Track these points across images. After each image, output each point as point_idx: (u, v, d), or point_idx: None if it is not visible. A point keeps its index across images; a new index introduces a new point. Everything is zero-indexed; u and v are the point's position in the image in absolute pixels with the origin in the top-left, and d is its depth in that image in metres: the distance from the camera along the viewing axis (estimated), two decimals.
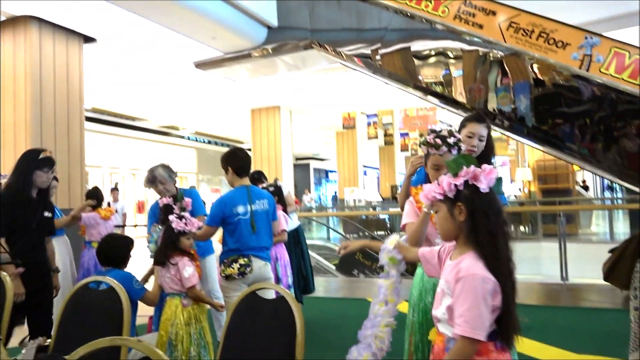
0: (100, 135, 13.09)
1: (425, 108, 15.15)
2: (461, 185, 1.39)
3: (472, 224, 1.38)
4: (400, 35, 6.19)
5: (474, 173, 1.38)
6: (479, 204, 1.38)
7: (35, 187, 2.77)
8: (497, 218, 1.37)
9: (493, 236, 1.35)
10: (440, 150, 1.91)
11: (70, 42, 6.33)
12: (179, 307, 2.55)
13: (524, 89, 5.52)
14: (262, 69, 8.03)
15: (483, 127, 2.29)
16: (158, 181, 3.31)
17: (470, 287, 1.30)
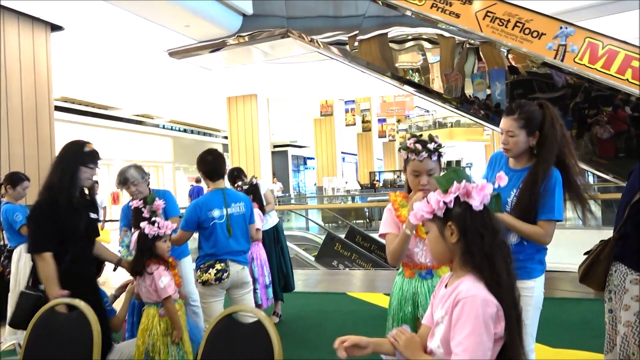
0: (72, 125, 12.71)
1: (402, 94, 15.19)
2: (451, 203, 1.25)
3: (465, 246, 1.24)
4: (378, 22, 6.15)
5: (465, 189, 1.24)
6: (472, 223, 1.23)
7: (79, 185, 2.44)
8: (494, 238, 1.22)
9: (490, 259, 1.20)
10: (420, 156, 1.86)
11: (36, 30, 6.07)
12: (155, 317, 2.48)
13: (499, 76, 5.56)
14: (237, 57, 7.89)
15: (511, 121, 1.99)
16: (130, 183, 3.20)
17: (471, 310, 1.16)
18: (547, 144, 1.99)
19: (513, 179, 2.03)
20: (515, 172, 2.06)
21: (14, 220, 3.87)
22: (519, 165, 2.07)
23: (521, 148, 2.02)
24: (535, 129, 1.99)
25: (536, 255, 2.04)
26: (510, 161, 2.11)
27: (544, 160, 1.98)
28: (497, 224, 1.25)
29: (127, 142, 15.75)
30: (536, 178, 1.95)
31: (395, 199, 1.97)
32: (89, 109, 13.41)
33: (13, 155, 5.68)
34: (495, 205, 1.26)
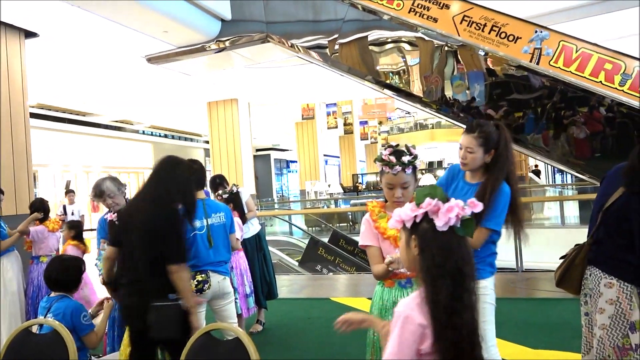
0: (49, 132, 12.50)
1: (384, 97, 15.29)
2: (419, 217, 1.28)
3: (420, 261, 1.26)
4: (357, 25, 6.18)
5: (435, 207, 1.26)
6: (431, 241, 1.25)
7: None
8: (445, 261, 1.22)
9: (434, 278, 1.21)
10: (394, 170, 1.89)
11: (9, 37, 5.95)
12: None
13: (478, 78, 5.63)
14: (217, 63, 7.84)
15: (471, 138, 2.18)
16: (106, 195, 3.15)
17: (394, 325, 1.23)
18: (499, 162, 2.19)
19: (469, 192, 2.21)
20: (470, 185, 2.26)
21: None
22: (474, 179, 2.27)
23: (477, 164, 2.22)
24: (492, 148, 2.19)
25: (487, 258, 2.24)
26: (467, 175, 2.30)
27: (495, 176, 2.17)
28: (458, 249, 1.25)
29: (106, 148, 15.53)
30: (486, 191, 2.13)
31: (373, 210, 1.97)
32: (67, 115, 13.19)
33: None
34: (464, 230, 1.26)
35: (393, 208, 1.92)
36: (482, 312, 1.67)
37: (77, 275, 2.61)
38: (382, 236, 1.91)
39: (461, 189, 2.27)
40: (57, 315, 2.45)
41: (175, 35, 6.54)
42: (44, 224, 4.15)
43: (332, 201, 14.99)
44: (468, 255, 1.26)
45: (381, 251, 1.94)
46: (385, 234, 1.90)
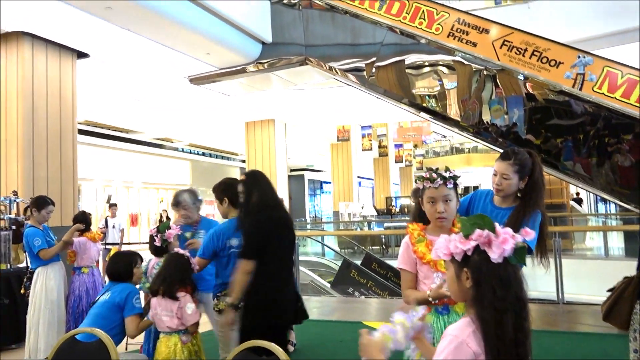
0: (93, 148, 13.01)
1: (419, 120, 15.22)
2: (470, 251, 1.23)
3: (477, 295, 1.21)
4: (395, 49, 6.22)
5: (487, 238, 1.21)
6: (487, 275, 1.20)
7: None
8: (506, 294, 1.19)
9: (498, 313, 1.17)
10: (435, 183, 1.89)
11: (63, 57, 6.29)
12: (178, 345, 2.51)
13: (517, 103, 5.55)
14: (256, 84, 8.03)
15: (507, 165, 2.20)
16: (181, 206, 3.31)
17: (446, 347, 1.19)
18: (536, 189, 2.22)
19: (498, 216, 2.21)
20: (499, 210, 2.27)
21: (33, 245, 3.94)
22: (505, 204, 2.28)
23: (512, 190, 2.23)
24: (526, 175, 2.22)
25: None
26: (496, 199, 2.32)
27: (533, 203, 2.19)
28: (515, 279, 1.22)
29: (146, 165, 16.02)
30: (520, 218, 2.13)
31: (412, 233, 1.96)
32: (111, 132, 13.72)
33: (37, 178, 5.82)
34: (517, 259, 1.22)
35: (435, 228, 1.93)
36: None
37: (130, 267, 2.80)
38: (421, 260, 1.89)
39: (491, 212, 2.25)
40: (114, 292, 2.65)
41: (217, 57, 6.76)
42: (85, 235, 4.30)
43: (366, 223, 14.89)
44: (523, 282, 1.24)
45: (416, 277, 1.93)
46: (424, 259, 1.88)
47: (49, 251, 3.97)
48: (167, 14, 5.30)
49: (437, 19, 5.86)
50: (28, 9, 5.14)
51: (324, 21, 6.68)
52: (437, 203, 1.90)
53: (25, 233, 4.00)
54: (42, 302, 3.90)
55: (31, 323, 3.94)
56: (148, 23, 5.46)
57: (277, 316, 2.59)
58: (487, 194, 2.36)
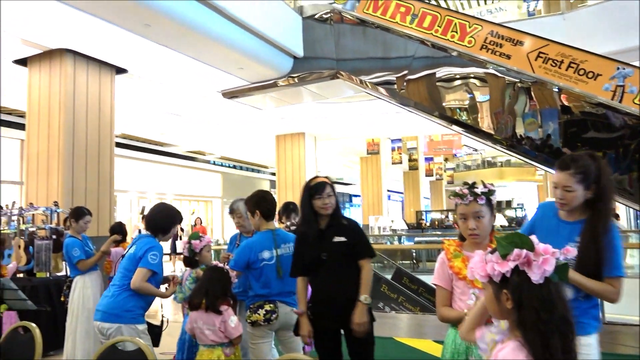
0: (129, 160, 13.37)
1: (450, 133, 15.05)
2: (509, 272, 1.18)
3: (520, 317, 1.16)
4: (427, 62, 6.20)
5: (526, 258, 1.16)
6: (529, 296, 1.15)
7: (319, 216, 2.66)
8: (551, 315, 1.13)
9: (544, 335, 1.12)
10: (465, 200, 1.86)
11: (102, 73, 6.52)
12: (221, 357, 2.55)
13: (551, 115, 5.43)
14: (287, 98, 8.13)
15: (567, 176, 1.92)
16: (235, 214, 3.45)
17: None
18: (605, 197, 1.93)
19: (565, 231, 1.97)
20: (567, 224, 1.99)
21: (72, 255, 4.06)
22: (572, 217, 1.99)
23: (578, 202, 1.94)
24: (592, 182, 1.92)
25: (591, 310, 1.95)
26: (561, 213, 2.04)
27: (604, 214, 1.92)
28: (559, 299, 1.16)
29: (179, 177, 16.34)
30: (597, 232, 1.89)
31: (448, 248, 1.93)
32: (146, 145, 14.08)
33: (76, 189, 6.02)
34: (559, 276, 1.17)
35: (470, 245, 1.89)
36: None
37: (168, 224, 2.92)
38: (457, 276, 1.86)
39: (557, 228, 2.01)
40: (138, 246, 2.75)
41: (249, 71, 6.88)
42: (121, 245, 4.40)
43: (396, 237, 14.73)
44: (567, 301, 1.18)
45: (451, 294, 1.89)
46: (460, 274, 1.85)
47: (87, 262, 4.09)
48: (202, 30, 5.44)
49: (469, 31, 5.82)
50: (72, 27, 5.36)
51: (355, 35, 6.73)
52: (468, 220, 1.87)
53: (65, 243, 4.13)
54: (79, 311, 4.00)
55: (69, 330, 4.05)
56: (184, 39, 5.61)
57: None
58: (551, 207, 2.09)
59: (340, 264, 2.57)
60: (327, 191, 2.63)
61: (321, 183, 2.65)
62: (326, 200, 2.60)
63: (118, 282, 2.73)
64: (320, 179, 2.70)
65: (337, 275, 2.55)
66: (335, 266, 2.56)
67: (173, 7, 4.95)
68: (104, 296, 2.77)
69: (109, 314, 2.65)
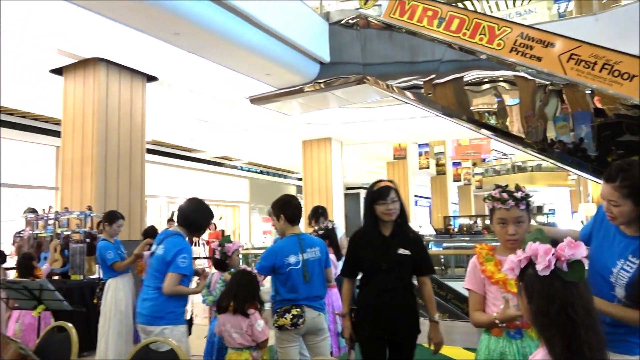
0: (159, 166, 13.64)
1: (479, 138, 14.82)
2: (523, 263, 1.20)
3: (531, 312, 1.17)
4: (455, 66, 6.13)
5: (533, 250, 1.18)
6: (533, 288, 1.17)
7: (382, 222, 2.57)
8: (549, 307, 1.13)
9: (541, 328, 1.13)
10: (507, 205, 1.81)
11: (134, 81, 6.69)
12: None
13: (584, 118, 5.29)
14: (314, 103, 8.16)
15: (611, 189, 1.73)
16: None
17: None
18: None
19: (621, 245, 1.79)
20: (624, 238, 1.80)
21: (106, 257, 4.17)
22: (630, 231, 1.79)
23: (629, 217, 1.74)
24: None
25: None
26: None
27: None
28: (565, 295, 1.13)
29: (207, 182, 16.56)
30: None
31: (481, 252, 1.90)
32: (175, 151, 14.34)
33: (109, 194, 6.17)
34: (572, 275, 1.14)
35: (504, 249, 1.85)
36: None
37: (202, 221, 2.95)
38: (490, 280, 1.83)
39: (613, 239, 1.84)
40: (166, 247, 2.77)
41: (276, 77, 6.94)
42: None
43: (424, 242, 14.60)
44: (581, 303, 1.13)
45: (484, 299, 1.85)
46: (492, 278, 1.81)
47: (122, 264, 4.20)
48: (230, 37, 5.52)
49: (498, 34, 5.74)
50: (104, 37, 5.53)
51: (382, 40, 6.71)
52: (508, 225, 1.82)
53: (98, 246, 4.25)
54: (112, 313, 4.10)
55: (102, 332, 4.15)
56: (213, 47, 5.71)
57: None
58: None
59: (397, 276, 2.51)
60: (392, 196, 2.51)
61: (385, 187, 2.54)
62: (390, 206, 2.50)
63: (151, 284, 2.79)
64: (385, 183, 2.58)
65: (391, 285, 2.50)
66: (392, 277, 2.50)
67: (202, 15, 5.04)
68: (144, 299, 2.82)
69: (152, 317, 2.73)
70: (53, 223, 5.59)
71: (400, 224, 2.56)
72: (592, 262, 1.83)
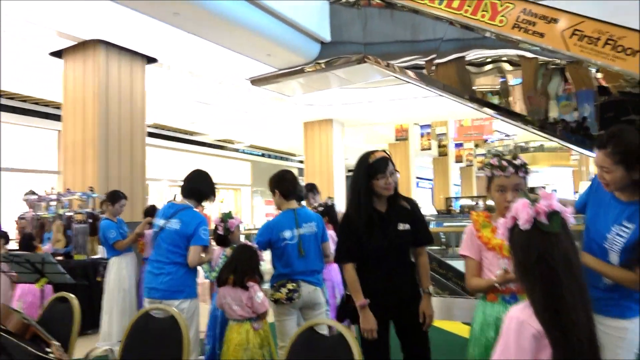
0: (160, 149, 13.64)
1: (481, 118, 14.76)
2: (509, 224, 1.25)
3: (516, 265, 1.23)
4: (456, 45, 6.06)
5: (517, 209, 1.23)
6: (515, 242, 1.23)
7: (376, 196, 2.32)
8: (528, 256, 1.18)
9: (522, 276, 1.19)
10: (507, 172, 1.83)
11: (134, 63, 6.65)
12: (250, 332, 2.63)
13: (587, 97, 5.25)
14: (314, 84, 8.10)
15: (603, 155, 1.75)
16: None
17: (506, 330, 1.18)
18: None
19: (616, 211, 1.80)
20: (618, 204, 1.82)
21: (109, 237, 4.21)
22: (624, 197, 1.81)
23: (622, 183, 1.76)
24: (636, 162, 1.70)
25: (635, 293, 1.79)
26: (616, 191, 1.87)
27: None
28: (542, 244, 1.18)
29: (209, 165, 16.56)
30: None
31: (477, 219, 1.92)
32: (177, 134, 14.33)
33: (110, 177, 6.19)
34: (550, 226, 1.19)
35: (501, 216, 1.86)
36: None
37: (207, 189, 3.02)
38: (486, 246, 1.85)
39: (608, 205, 1.86)
40: (184, 222, 2.79)
41: (277, 58, 6.89)
42: None
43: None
44: (560, 251, 1.17)
45: (480, 265, 1.88)
46: (489, 244, 1.84)
47: (123, 242, 4.24)
48: (231, 17, 5.47)
49: (500, 10, 5.66)
50: (104, 18, 5.48)
51: (383, 18, 6.64)
52: (507, 192, 1.84)
53: (101, 225, 4.28)
54: (115, 290, 4.16)
55: (105, 309, 4.21)
56: (213, 27, 5.66)
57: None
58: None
59: (398, 253, 2.32)
60: (391, 168, 2.27)
61: (383, 159, 2.28)
62: (390, 179, 2.25)
63: (166, 259, 2.81)
64: (380, 154, 2.32)
65: (394, 265, 2.29)
66: (393, 256, 2.29)
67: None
68: (157, 274, 2.84)
69: (171, 291, 2.77)
70: (55, 204, 5.63)
71: (393, 196, 2.34)
72: (587, 231, 1.86)
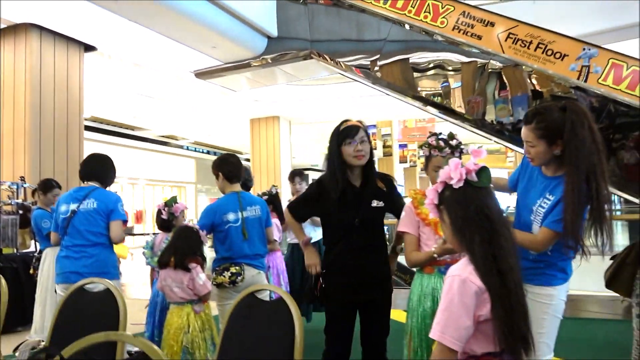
0: (100, 144, 13.08)
1: (424, 119, 15.21)
2: (440, 188, 1.32)
3: (453, 220, 1.28)
4: (400, 46, 6.23)
5: (446, 173, 1.30)
6: (451, 201, 1.29)
7: (349, 169, 2.25)
8: (466, 209, 1.25)
9: (461, 230, 1.24)
10: (444, 152, 1.92)
11: (70, 50, 6.35)
12: (191, 315, 2.57)
13: (522, 101, 5.55)
14: (261, 79, 8.06)
15: (528, 130, 1.85)
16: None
17: (449, 288, 1.22)
18: (572, 155, 1.77)
19: (542, 186, 1.92)
20: (544, 179, 1.93)
21: (42, 227, 4.00)
22: (549, 172, 1.93)
23: (545, 158, 1.87)
24: (557, 137, 1.80)
25: (559, 262, 1.93)
26: (543, 167, 1.97)
27: (570, 171, 1.77)
28: (477, 197, 1.26)
29: (152, 162, 16.09)
30: (577, 193, 1.75)
31: (415, 197, 2.00)
32: (117, 129, 13.80)
33: (44, 169, 5.88)
34: (481, 181, 1.28)
35: None
36: (539, 323, 1.61)
37: (108, 170, 3.06)
38: (424, 222, 1.93)
39: (536, 182, 1.96)
40: (100, 199, 2.82)
41: (223, 50, 6.80)
42: None
43: None
44: (493, 203, 1.27)
45: (418, 240, 1.96)
46: (426, 220, 1.92)
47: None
48: (174, 6, 5.34)
49: (442, 12, 5.88)
50: (37, 1, 5.20)
51: (330, 16, 6.70)
52: None
53: (34, 215, 4.07)
54: (49, 282, 3.95)
55: (39, 301, 4.00)
56: (155, 15, 5.50)
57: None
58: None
59: (371, 232, 2.23)
60: (361, 135, 2.21)
61: (353, 126, 2.25)
62: (359, 146, 2.18)
63: (86, 242, 2.73)
64: (352, 122, 2.30)
65: (365, 243, 2.21)
66: (367, 234, 2.21)
67: None
68: (75, 258, 2.74)
69: (96, 273, 2.64)
70: None
71: (368, 171, 2.28)
72: (517, 205, 1.98)
